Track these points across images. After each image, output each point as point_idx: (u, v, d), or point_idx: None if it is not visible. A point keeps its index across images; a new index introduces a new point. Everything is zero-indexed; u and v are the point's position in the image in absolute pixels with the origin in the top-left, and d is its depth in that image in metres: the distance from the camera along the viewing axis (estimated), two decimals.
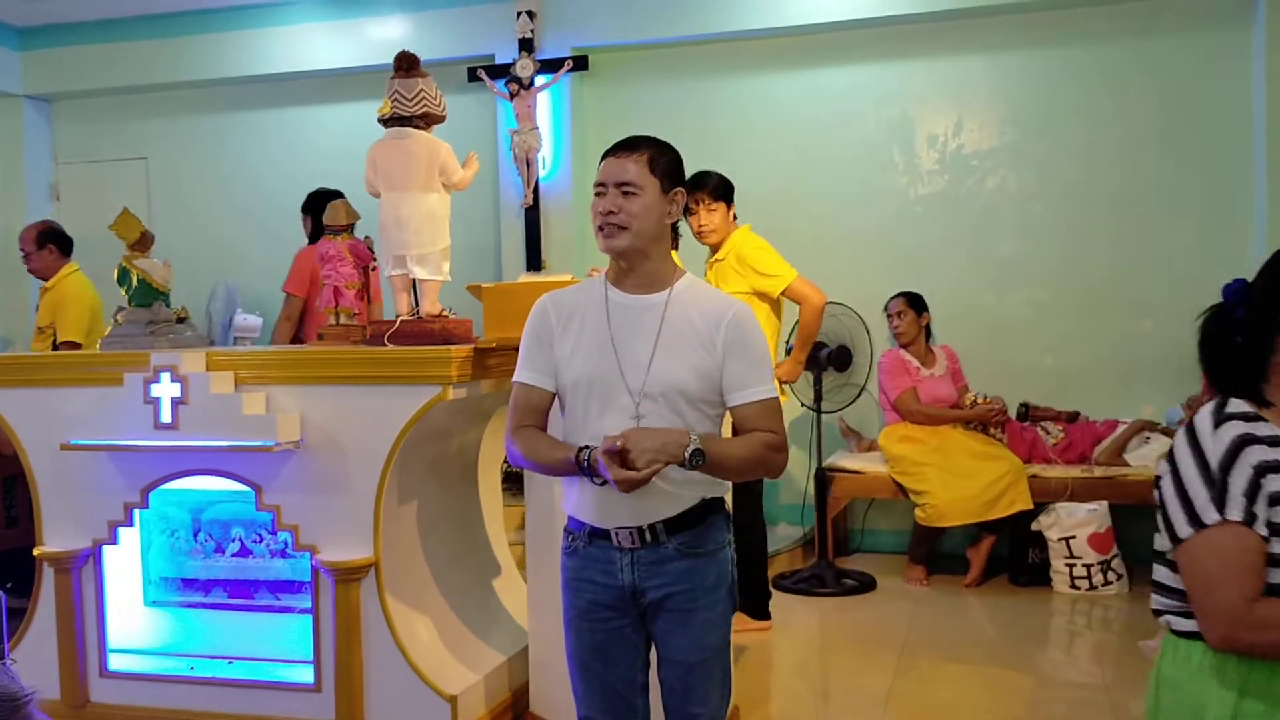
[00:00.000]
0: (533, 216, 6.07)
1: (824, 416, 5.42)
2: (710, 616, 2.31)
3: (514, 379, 2.37)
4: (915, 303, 5.51)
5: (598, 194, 2.29)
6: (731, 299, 2.35)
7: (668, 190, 2.31)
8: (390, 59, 6.41)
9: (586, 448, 2.19)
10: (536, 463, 2.30)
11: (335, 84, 6.60)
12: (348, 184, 5.95)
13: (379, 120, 3.37)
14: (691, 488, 2.27)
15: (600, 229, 2.28)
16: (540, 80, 6.02)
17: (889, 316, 5.54)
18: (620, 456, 2.12)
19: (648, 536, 2.25)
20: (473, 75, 6.10)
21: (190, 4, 6.51)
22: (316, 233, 5.37)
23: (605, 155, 2.32)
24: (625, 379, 2.23)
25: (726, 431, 2.38)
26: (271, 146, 6.81)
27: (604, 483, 2.17)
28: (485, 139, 6.20)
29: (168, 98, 6.93)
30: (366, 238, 3.63)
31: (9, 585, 4.93)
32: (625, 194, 2.26)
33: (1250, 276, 1.76)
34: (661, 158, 2.31)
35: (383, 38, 6.33)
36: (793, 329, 4.71)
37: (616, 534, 2.26)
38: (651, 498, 2.23)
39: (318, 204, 5.35)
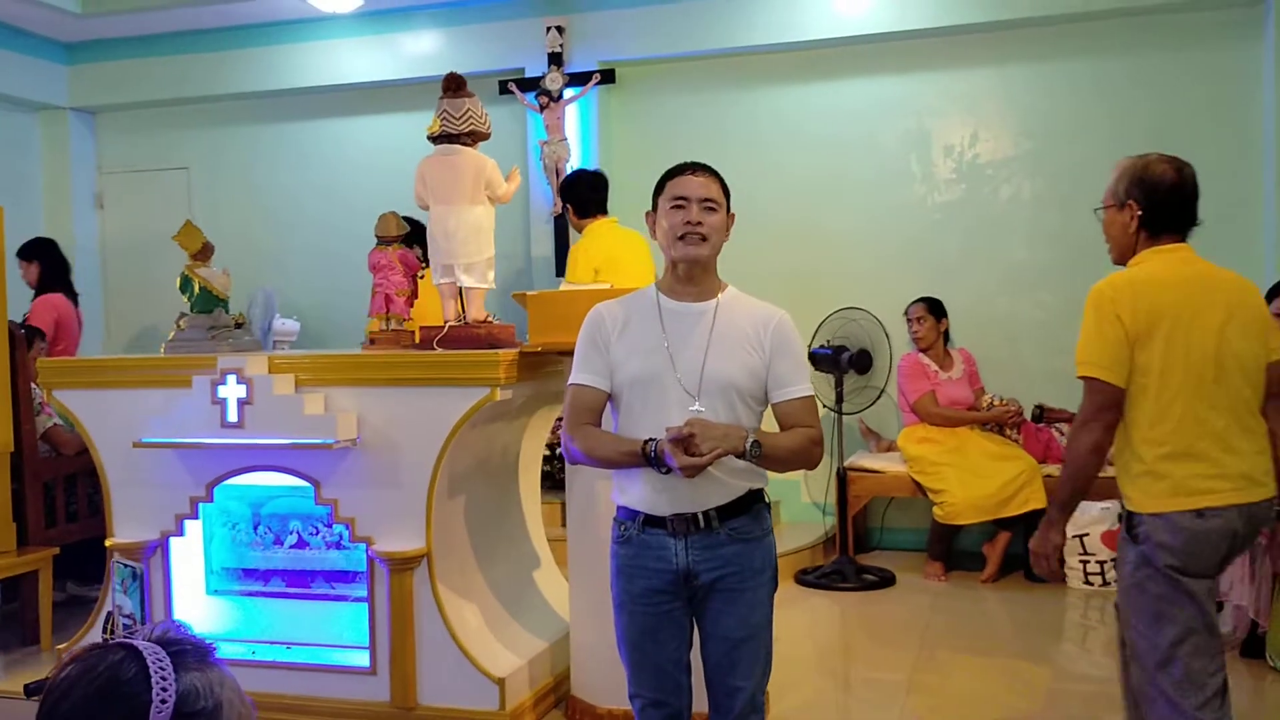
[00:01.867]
0: (561, 224, 6.27)
1: (845, 418, 5.60)
2: (756, 597, 2.51)
3: (570, 381, 2.56)
4: (935, 308, 5.70)
5: (677, 207, 2.50)
6: (774, 307, 2.58)
7: (728, 212, 2.56)
8: (425, 73, 6.69)
9: (652, 440, 2.38)
10: (597, 457, 2.49)
11: (371, 96, 6.83)
12: (381, 193, 6.19)
13: (428, 138, 3.58)
14: (740, 478, 2.48)
15: (682, 238, 2.49)
16: (569, 93, 6.23)
17: (909, 321, 5.72)
18: (685, 443, 2.31)
19: (701, 523, 2.45)
20: (504, 88, 6.31)
21: (230, 20, 6.74)
22: (44, 281, 5.65)
23: (677, 173, 2.55)
24: (679, 377, 2.44)
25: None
26: (309, 157, 7.04)
27: (668, 471, 2.36)
28: (516, 149, 6.41)
29: (209, 110, 7.17)
30: (415, 247, 3.84)
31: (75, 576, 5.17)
32: (707, 209, 2.50)
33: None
34: (723, 181, 2.58)
35: (417, 52, 6.56)
36: None
37: (673, 521, 2.46)
38: (706, 487, 2.43)
39: (40, 251, 5.60)
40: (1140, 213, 2.72)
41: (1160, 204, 2.74)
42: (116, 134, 7.38)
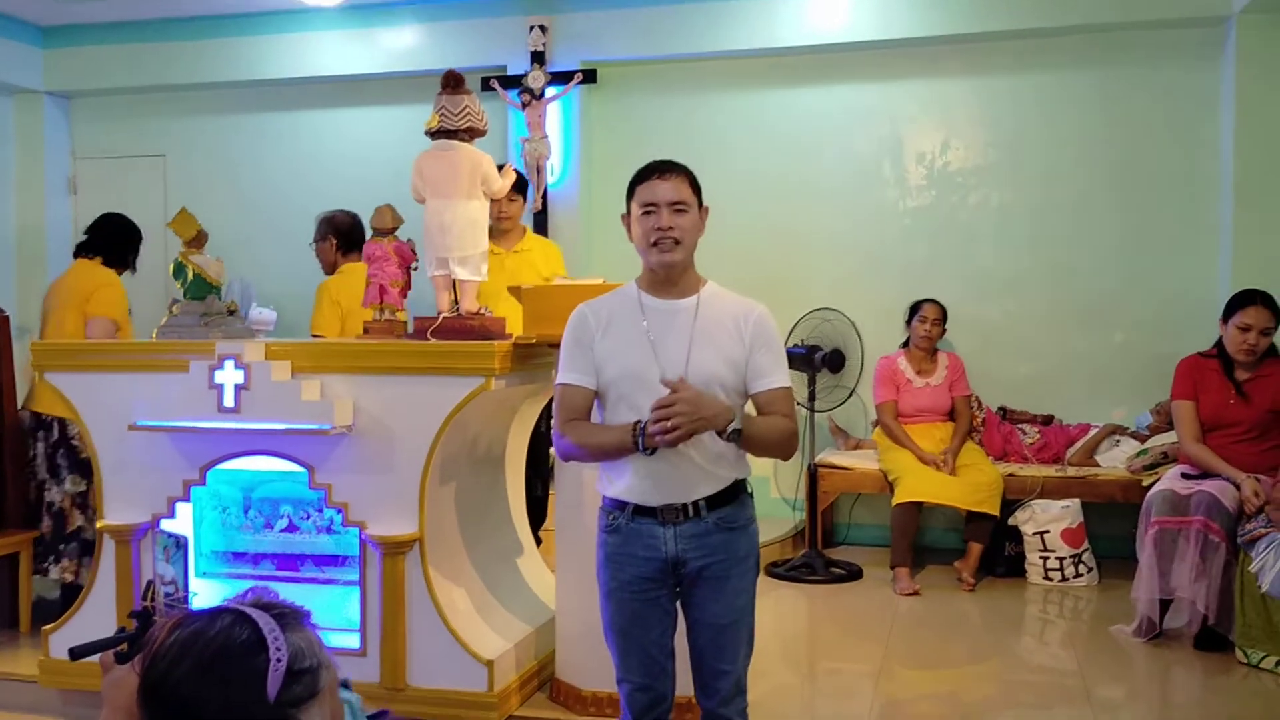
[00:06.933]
0: (541, 220, 6.36)
1: (817, 415, 5.74)
2: (741, 584, 2.61)
3: (557, 381, 2.62)
4: (944, 312, 5.77)
5: (647, 213, 2.54)
6: (754, 301, 2.65)
7: (700, 207, 2.62)
8: (406, 68, 6.73)
9: (640, 421, 2.45)
10: (588, 448, 2.56)
11: (351, 89, 6.87)
12: (359, 185, 6.24)
13: (426, 133, 3.65)
14: (726, 468, 2.57)
15: (655, 244, 2.53)
16: (551, 91, 6.32)
17: (922, 320, 5.69)
18: (669, 411, 2.38)
19: (691, 512, 2.55)
20: (486, 85, 6.38)
21: (209, 9, 6.74)
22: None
23: (644, 178, 2.57)
24: (663, 372, 2.52)
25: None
26: (286, 148, 7.06)
27: (653, 451, 2.45)
28: (497, 146, 6.48)
29: (186, 97, 7.16)
30: (409, 240, 3.91)
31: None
32: (677, 211, 2.53)
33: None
34: (692, 178, 2.62)
35: (399, 47, 6.61)
36: None
37: (663, 511, 2.55)
38: (694, 477, 2.53)
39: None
40: (336, 242, 5.05)
41: (345, 237, 5.04)
42: (92, 119, 7.35)
